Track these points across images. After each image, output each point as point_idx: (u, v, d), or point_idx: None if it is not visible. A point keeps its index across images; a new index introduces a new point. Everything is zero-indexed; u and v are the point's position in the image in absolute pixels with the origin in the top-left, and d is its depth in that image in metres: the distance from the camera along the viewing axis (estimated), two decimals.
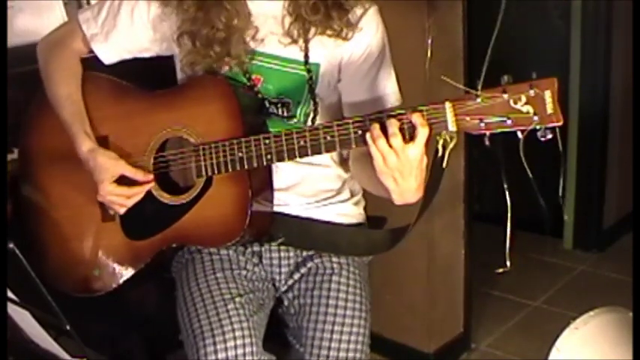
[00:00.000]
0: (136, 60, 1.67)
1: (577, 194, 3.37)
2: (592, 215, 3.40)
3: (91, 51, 1.65)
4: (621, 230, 3.43)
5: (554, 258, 3.38)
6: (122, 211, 1.56)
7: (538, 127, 1.25)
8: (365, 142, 1.34)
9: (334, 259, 1.65)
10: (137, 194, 1.55)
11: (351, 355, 1.55)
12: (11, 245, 1.33)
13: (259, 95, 1.58)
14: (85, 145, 1.56)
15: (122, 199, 1.55)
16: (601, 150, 3.33)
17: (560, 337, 1.65)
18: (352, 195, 1.71)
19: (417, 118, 1.30)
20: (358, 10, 1.55)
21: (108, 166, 1.54)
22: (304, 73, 1.57)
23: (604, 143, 3.33)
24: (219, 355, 1.43)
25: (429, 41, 1.92)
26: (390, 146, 1.30)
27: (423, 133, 1.30)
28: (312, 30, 1.54)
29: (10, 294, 1.38)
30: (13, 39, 1.94)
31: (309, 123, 1.60)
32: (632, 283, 1.67)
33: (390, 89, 1.60)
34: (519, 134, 1.27)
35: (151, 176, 1.55)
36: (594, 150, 3.32)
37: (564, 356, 1.63)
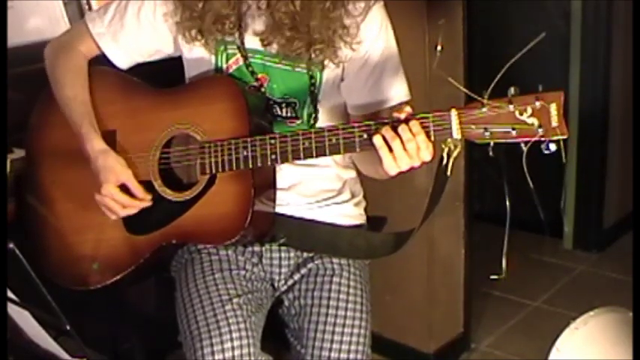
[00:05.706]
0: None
1: (577, 194, 3.36)
2: (592, 215, 3.40)
3: (103, 54, 1.65)
4: (621, 230, 3.42)
5: (554, 258, 3.37)
6: (113, 217, 1.56)
7: (542, 139, 1.26)
8: (369, 146, 1.34)
9: (335, 260, 1.65)
10: (133, 207, 1.55)
11: (352, 356, 1.55)
12: (11, 245, 1.33)
13: (265, 95, 1.58)
14: (98, 143, 1.56)
15: (118, 207, 1.54)
16: (601, 150, 3.33)
17: (560, 337, 1.65)
18: (353, 196, 1.71)
19: (413, 126, 1.30)
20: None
21: (117, 170, 1.54)
22: (307, 72, 1.57)
23: (604, 143, 3.33)
24: (217, 357, 1.43)
25: (439, 47, 1.92)
26: (405, 149, 1.30)
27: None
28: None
29: (10, 294, 1.38)
30: (14, 39, 1.94)
31: (312, 124, 1.60)
32: (632, 283, 1.67)
33: (395, 90, 1.59)
34: (523, 146, 1.27)
35: (149, 197, 1.55)
36: (594, 150, 3.32)
37: (564, 356, 1.63)
